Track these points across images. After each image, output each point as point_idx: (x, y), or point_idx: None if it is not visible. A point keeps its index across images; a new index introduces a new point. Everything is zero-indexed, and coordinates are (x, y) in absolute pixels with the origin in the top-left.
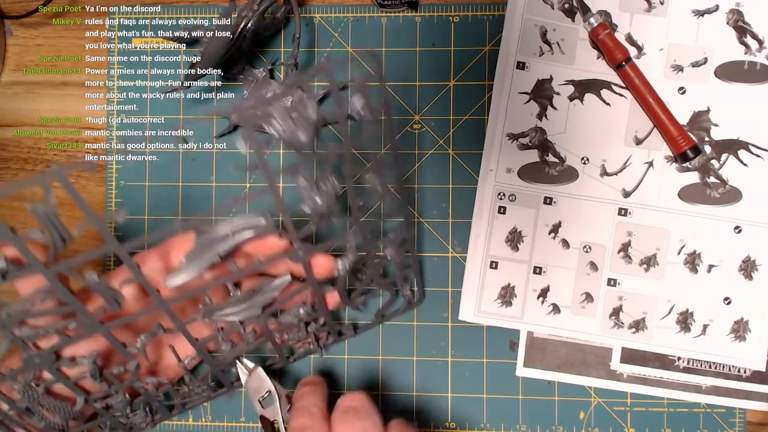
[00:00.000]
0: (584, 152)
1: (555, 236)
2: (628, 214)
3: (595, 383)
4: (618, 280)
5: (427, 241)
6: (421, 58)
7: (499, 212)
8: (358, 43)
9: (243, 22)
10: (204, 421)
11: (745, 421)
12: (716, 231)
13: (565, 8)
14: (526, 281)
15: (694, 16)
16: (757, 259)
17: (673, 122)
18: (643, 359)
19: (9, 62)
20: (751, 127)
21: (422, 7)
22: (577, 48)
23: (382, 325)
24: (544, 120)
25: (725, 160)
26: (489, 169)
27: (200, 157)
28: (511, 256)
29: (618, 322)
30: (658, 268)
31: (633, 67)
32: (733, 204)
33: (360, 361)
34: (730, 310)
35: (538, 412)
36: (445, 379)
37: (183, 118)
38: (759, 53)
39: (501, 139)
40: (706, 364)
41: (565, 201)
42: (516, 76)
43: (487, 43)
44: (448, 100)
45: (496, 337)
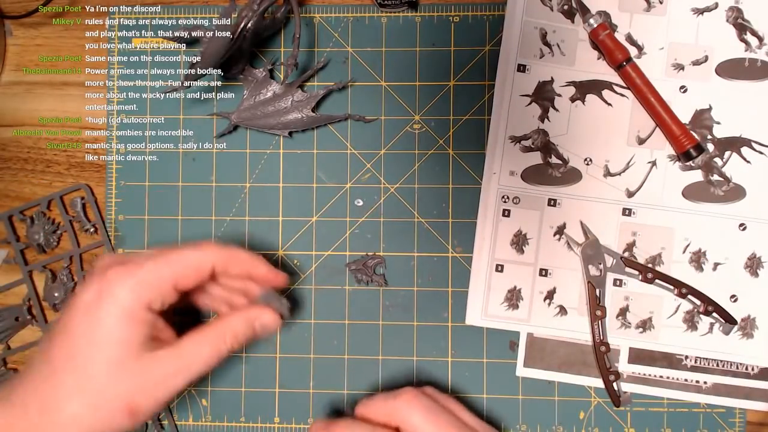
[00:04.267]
0: (587, 153)
1: (560, 238)
2: (632, 214)
3: (595, 383)
4: (624, 280)
5: (427, 241)
6: (421, 58)
7: (503, 215)
8: (358, 43)
9: (243, 22)
10: (204, 421)
11: (745, 421)
12: (721, 229)
13: (564, 10)
14: (532, 284)
15: (694, 14)
16: (762, 256)
17: (675, 121)
18: (651, 359)
19: (9, 62)
20: (753, 124)
21: (422, 7)
22: (577, 49)
23: (381, 325)
24: (546, 122)
25: (728, 157)
26: (492, 172)
27: (200, 157)
28: (517, 258)
29: (625, 322)
30: (664, 267)
31: (634, 67)
32: (737, 201)
33: (360, 361)
34: (736, 308)
35: (538, 412)
36: (445, 379)
37: (183, 118)
38: (759, 50)
39: (503, 142)
40: (713, 363)
41: (569, 202)
42: (517, 79)
43: (487, 43)
44: (448, 100)
45: (496, 337)
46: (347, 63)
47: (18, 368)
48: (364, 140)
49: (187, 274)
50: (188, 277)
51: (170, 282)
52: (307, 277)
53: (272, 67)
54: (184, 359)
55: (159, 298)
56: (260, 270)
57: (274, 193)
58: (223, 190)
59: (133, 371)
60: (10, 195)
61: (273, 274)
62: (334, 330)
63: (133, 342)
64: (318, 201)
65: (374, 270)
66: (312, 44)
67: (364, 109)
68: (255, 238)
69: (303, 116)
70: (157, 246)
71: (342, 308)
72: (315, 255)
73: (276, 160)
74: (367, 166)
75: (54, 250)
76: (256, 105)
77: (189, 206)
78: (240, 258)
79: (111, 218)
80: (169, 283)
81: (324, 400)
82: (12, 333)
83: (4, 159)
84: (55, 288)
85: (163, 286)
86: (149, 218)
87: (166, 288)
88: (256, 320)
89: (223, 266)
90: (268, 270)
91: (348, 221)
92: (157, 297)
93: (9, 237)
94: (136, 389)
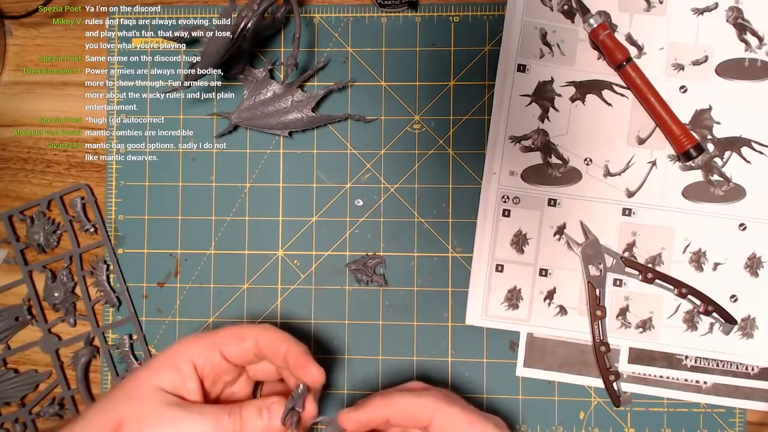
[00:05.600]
0: (587, 153)
1: (560, 238)
2: (633, 214)
3: (595, 383)
4: (624, 280)
5: (427, 241)
6: (421, 58)
7: (503, 215)
8: (358, 43)
9: (243, 22)
10: None
11: (745, 421)
12: (721, 229)
13: (564, 10)
14: (532, 284)
15: (694, 14)
16: (762, 256)
17: (675, 121)
18: (651, 359)
19: (9, 62)
20: (753, 124)
21: (422, 7)
22: (577, 49)
23: (381, 325)
24: (546, 122)
25: (728, 157)
26: (492, 172)
27: (200, 157)
28: (517, 258)
29: (625, 322)
30: (664, 267)
31: (634, 66)
32: (737, 201)
33: (360, 361)
34: (736, 308)
35: (538, 412)
36: (445, 379)
37: (183, 118)
38: (759, 50)
39: (504, 142)
40: (713, 363)
41: (570, 202)
42: (517, 79)
43: (487, 43)
44: (448, 100)
45: (496, 337)
46: (347, 63)
47: (18, 368)
48: (364, 140)
49: (228, 342)
50: (229, 345)
51: (214, 346)
52: (307, 277)
53: (272, 67)
54: (184, 424)
55: (201, 354)
56: (298, 367)
57: (274, 193)
58: (223, 190)
59: (137, 398)
60: (10, 195)
61: (307, 376)
62: (334, 330)
63: (155, 379)
64: (318, 201)
65: (374, 270)
66: (312, 44)
67: (364, 109)
68: (255, 238)
69: (303, 116)
70: (156, 247)
71: (342, 308)
72: (315, 255)
73: (276, 160)
74: (367, 166)
75: (54, 250)
76: (256, 105)
77: (189, 206)
78: (282, 349)
79: (111, 218)
80: (214, 346)
81: (324, 400)
82: (12, 333)
83: (4, 159)
84: (55, 288)
85: (208, 345)
86: (149, 218)
87: (211, 350)
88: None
89: (268, 350)
90: (305, 372)
91: (348, 221)
92: (199, 353)
93: (9, 237)
94: (130, 414)
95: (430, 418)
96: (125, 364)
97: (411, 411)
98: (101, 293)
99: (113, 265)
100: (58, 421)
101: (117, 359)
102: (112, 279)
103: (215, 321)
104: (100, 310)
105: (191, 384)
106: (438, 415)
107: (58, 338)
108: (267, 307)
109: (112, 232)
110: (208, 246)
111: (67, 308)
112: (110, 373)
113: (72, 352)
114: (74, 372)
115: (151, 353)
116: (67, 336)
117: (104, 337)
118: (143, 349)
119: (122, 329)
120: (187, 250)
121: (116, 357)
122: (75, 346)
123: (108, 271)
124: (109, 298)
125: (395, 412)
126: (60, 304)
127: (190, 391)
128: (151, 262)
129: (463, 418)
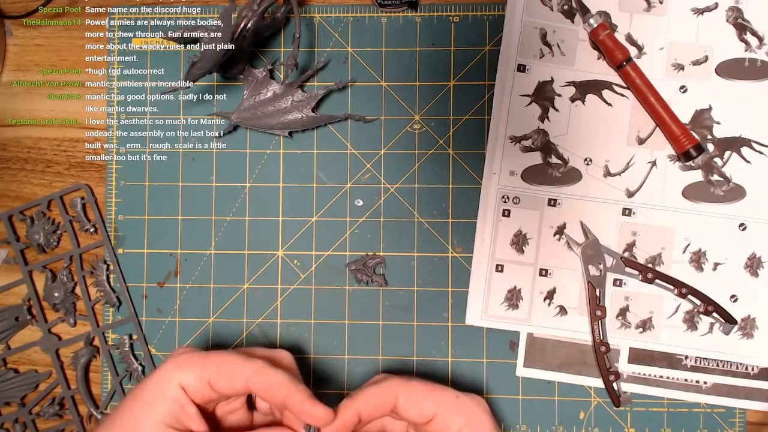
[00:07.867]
0: (587, 153)
1: (560, 238)
2: (632, 214)
3: (595, 383)
4: (624, 280)
5: (427, 241)
6: (421, 58)
7: (503, 215)
8: (358, 43)
9: (243, 22)
10: None
11: (745, 421)
12: (721, 229)
13: (564, 10)
14: (532, 284)
15: (694, 14)
16: (762, 256)
17: (675, 121)
18: (651, 359)
19: (9, 62)
20: (753, 124)
21: (422, 7)
22: (577, 49)
23: (381, 325)
24: (546, 122)
25: (728, 157)
26: (492, 172)
27: (200, 157)
28: (517, 258)
29: (625, 322)
30: (664, 267)
31: (634, 66)
32: (737, 201)
33: (360, 361)
34: (736, 308)
35: (538, 412)
36: (445, 379)
37: (183, 118)
38: (759, 50)
39: (503, 142)
40: (713, 363)
41: (569, 202)
42: (517, 79)
43: (487, 43)
44: (448, 100)
45: (496, 338)
46: (347, 63)
47: (18, 368)
48: (364, 140)
49: (217, 378)
50: (218, 381)
51: (202, 378)
52: (307, 277)
53: (272, 67)
54: None
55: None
56: (302, 413)
57: (274, 193)
58: (223, 190)
59: (130, 420)
60: (10, 195)
61: (314, 419)
62: (334, 330)
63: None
64: (318, 201)
65: (374, 270)
66: (312, 44)
67: (364, 109)
68: (255, 238)
69: (303, 116)
70: (156, 247)
71: (342, 308)
72: (315, 255)
73: (276, 160)
74: (367, 166)
75: (54, 250)
76: (256, 105)
77: (189, 206)
78: (280, 394)
79: (111, 218)
80: (202, 379)
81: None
82: (12, 333)
83: (4, 159)
84: (55, 288)
85: (196, 378)
86: (149, 218)
87: (199, 382)
88: None
89: (264, 395)
90: (311, 416)
91: (348, 221)
92: (188, 381)
93: (9, 237)
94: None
95: (394, 398)
96: (125, 364)
97: (375, 399)
98: (101, 293)
99: (113, 265)
100: (58, 421)
101: (117, 359)
102: (112, 279)
103: (215, 321)
104: (100, 310)
105: (190, 409)
106: (400, 392)
107: (58, 338)
108: (267, 307)
109: (112, 232)
110: (208, 246)
111: (67, 308)
112: (110, 373)
113: (72, 352)
114: (74, 372)
115: (151, 353)
116: (67, 336)
117: (104, 337)
118: (143, 349)
119: (122, 329)
120: (187, 250)
121: (116, 357)
122: (75, 346)
123: (108, 271)
124: (109, 298)
125: (362, 407)
126: (60, 304)
127: (192, 417)
128: (151, 262)
129: (423, 388)
